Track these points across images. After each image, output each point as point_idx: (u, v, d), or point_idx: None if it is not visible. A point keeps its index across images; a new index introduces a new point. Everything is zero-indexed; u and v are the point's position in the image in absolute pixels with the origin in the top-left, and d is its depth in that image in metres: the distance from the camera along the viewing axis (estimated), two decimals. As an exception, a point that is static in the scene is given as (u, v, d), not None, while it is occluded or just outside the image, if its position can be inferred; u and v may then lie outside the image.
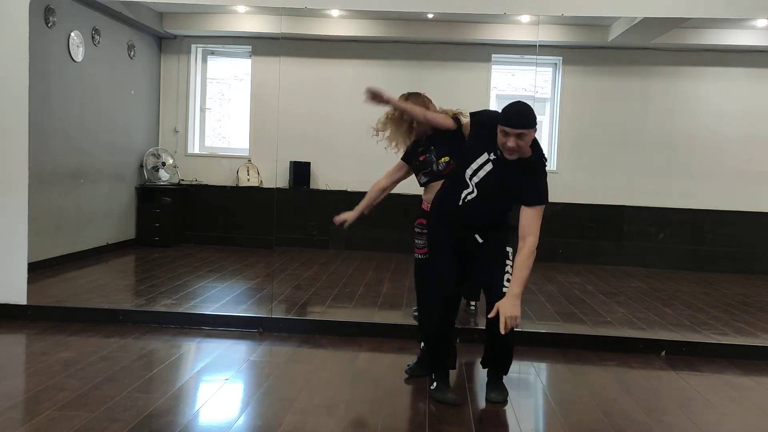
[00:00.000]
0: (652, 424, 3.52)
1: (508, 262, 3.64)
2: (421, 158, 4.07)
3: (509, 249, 3.65)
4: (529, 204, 3.45)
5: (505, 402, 3.71)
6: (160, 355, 4.39)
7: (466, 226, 3.67)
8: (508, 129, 3.33)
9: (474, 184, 3.56)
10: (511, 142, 3.33)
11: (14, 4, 5.02)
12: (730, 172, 8.90)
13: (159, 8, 8.65)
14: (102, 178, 8.02)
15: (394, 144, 4.15)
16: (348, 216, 4.13)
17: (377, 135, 4.15)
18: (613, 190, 8.96)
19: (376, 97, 3.81)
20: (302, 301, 5.99)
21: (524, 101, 3.48)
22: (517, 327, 3.35)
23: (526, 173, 3.46)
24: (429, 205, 4.11)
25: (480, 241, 3.67)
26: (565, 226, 8.88)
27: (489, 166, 3.51)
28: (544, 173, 3.54)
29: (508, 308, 3.27)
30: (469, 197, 3.59)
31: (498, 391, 3.75)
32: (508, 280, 3.55)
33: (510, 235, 3.66)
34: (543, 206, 3.47)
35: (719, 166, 8.92)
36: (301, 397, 3.66)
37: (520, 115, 3.35)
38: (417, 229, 4.24)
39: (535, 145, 3.49)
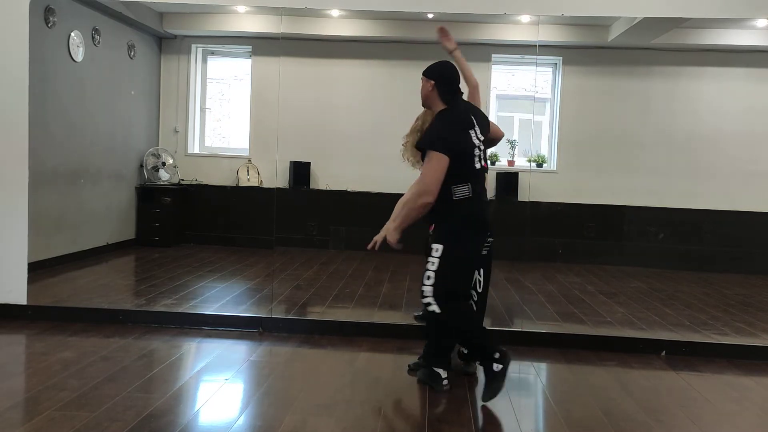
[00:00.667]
0: (652, 424, 3.52)
1: (430, 260, 3.68)
2: None
3: (434, 246, 3.69)
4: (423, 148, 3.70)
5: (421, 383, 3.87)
6: (160, 355, 4.39)
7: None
8: None
9: None
10: None
11: (14, 4, 5.02)
12: (730, 172, 8.91)
13: (159, 8, 8.65)
14: (102, 178, 8.02)
15: (409, 158, 4.23)
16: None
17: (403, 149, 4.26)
18: (613, 190, 8.96)
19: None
20: (302, 301, 5.99)
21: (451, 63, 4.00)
22: (375, 248, 3.78)
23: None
24: None
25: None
26: (565, 226, 8.89)
27: None
28: (437, 122, 3.76)
29: (383, 230, 3.81)
30: None
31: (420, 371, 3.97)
32: (428, 278, 3.67)
33: (438, 231, 3.71)
34: (430, 151, 3.59)
35: (720, 167, 8.93)
36: (301, 397, 3.66)
37: None
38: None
39: (439, 107, 3.80)
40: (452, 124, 3.70)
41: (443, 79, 3.80)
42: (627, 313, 5.95)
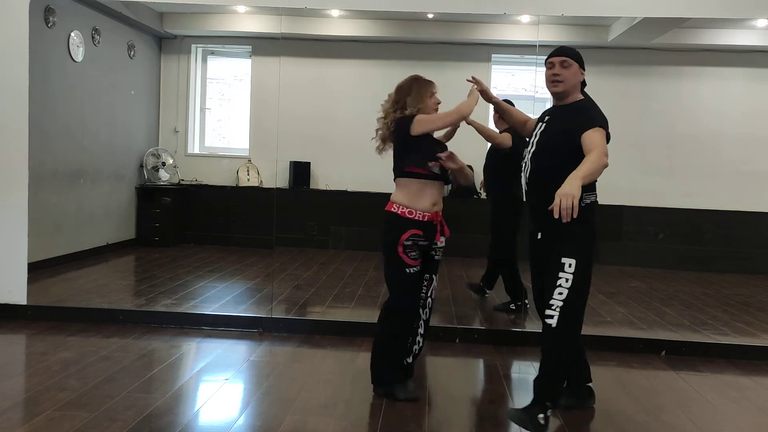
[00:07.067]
0: (652, 424, 3.52)
1: (561, 275, 3.28)
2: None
3: (566, 261, 3.28)
4: (585, 129, 3.25)
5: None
6: (160, 355, 4.39)
7: (533, 219, 3.49)
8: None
9: (530, 153, 3.46)
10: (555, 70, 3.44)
11: (14, 4, 5.02)
12: (729, 172, 8.90)
13: (159, 8, 8.65)
14: (102, 178, 8.02)
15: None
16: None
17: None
18: (613, 190, 8.93)
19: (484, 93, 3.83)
20: (302, 301, 5.99)
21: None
22: (570, 209, 2.87)
23: (575, 115, 3.39)
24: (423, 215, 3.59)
25: (538, 237, 3.44)
26: (565, 226, 8.86)
27: (541, 127, 3.49)
28: (595, 105, 3.53)
29: (564, 187, 2.94)
30: (527, 173, 3.46)
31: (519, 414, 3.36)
32: (560, 293, 3.27)
33: (575, 244, 3.31)
34: (601, 129, 3.30)
35: (719, 166, 8.92)
36: (301, 397, 3.66)
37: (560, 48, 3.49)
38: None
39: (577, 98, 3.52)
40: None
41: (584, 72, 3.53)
42: (627, 313, 5.95)
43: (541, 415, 3.26)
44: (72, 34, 7.22)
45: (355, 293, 6.29)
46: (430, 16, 8.25)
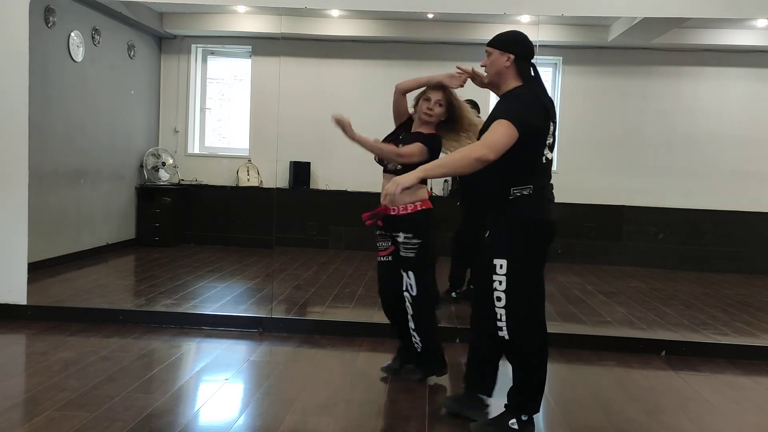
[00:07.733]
0: (652, 424, 3.52)
1: (495, 278, 3.10)
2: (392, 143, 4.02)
3: (497, 262, 3.09)
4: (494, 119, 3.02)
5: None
6: (160, 355, 4.39)
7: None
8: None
9: None
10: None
11: (14, 4, 5.02)
12: (729, 172, 8.90)
13: (159, 8, 8.65)
14: (102, 178, 8.02)
15: None
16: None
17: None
18: (613, 190, 8.95)
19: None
20: (302, 301, 5.99)
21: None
22: (392, 196, 2.92)
23: (497, 107, 3.19)
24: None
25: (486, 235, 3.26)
26: (565, 226, 8.86)
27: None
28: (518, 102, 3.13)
29: (401, 175, 2.95)
30: None
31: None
32: (498, 299, 3.09)
33: (504, 242, 3.11)
34: (506, 121, 2.98)
35: (719, 166, 8.92)
36: (301, 397, 3.66)
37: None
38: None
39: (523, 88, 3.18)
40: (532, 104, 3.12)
41: (524, 51, 3.20)
42: (627, 313, 5.95)
43: (512, 420, 3.16)
44: (72, 34, 7.22)
45: (355, 293, 6.29)
46: (430, 16, 8.25)
